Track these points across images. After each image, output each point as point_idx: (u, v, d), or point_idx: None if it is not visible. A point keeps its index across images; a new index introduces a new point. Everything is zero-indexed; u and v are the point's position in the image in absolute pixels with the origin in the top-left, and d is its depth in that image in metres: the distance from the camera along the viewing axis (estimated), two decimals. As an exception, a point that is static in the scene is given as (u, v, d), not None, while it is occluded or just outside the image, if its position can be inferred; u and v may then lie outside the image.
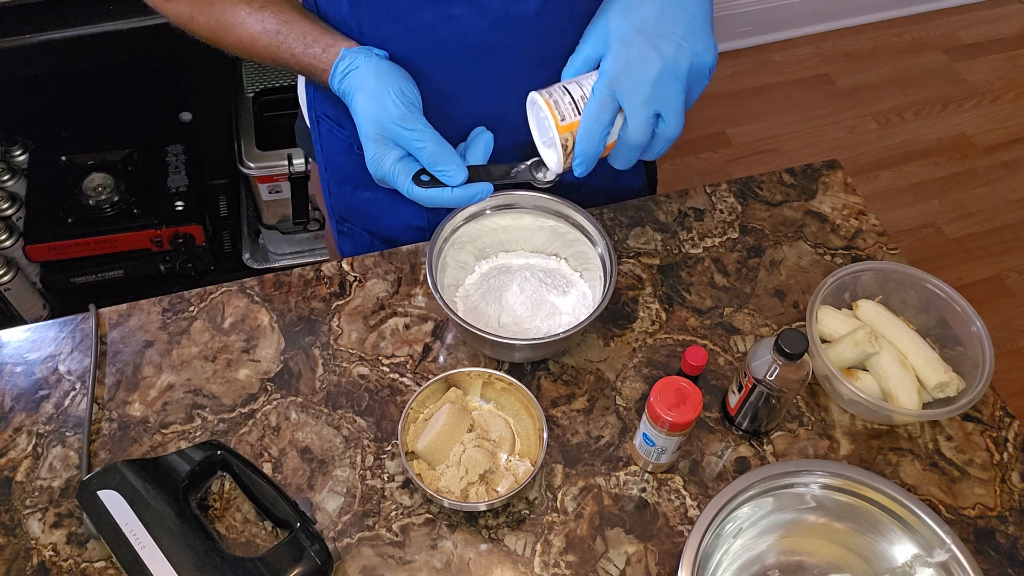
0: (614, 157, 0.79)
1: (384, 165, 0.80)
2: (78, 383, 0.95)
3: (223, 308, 1.02)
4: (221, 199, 1.89)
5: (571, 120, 0.77)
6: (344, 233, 1.15)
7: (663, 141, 0.77)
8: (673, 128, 0.76)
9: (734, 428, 0.94)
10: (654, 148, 0.78)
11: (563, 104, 0.77)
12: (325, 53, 0.83)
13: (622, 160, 0.79)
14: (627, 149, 0.77)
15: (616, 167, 0.80)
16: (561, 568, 0.85)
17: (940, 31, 2.69)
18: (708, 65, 0.76)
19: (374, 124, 0.79)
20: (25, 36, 1.40)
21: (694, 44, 0.75)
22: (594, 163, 0.78)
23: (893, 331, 0.96)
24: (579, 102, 0.77)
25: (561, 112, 0.77)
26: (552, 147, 0.79)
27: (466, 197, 0.79)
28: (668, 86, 0.74)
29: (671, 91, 0.74)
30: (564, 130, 0.77)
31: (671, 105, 0.75)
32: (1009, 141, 2.43)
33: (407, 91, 0.79)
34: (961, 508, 0.90)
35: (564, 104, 0.77)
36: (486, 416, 0.91)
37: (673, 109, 0.75)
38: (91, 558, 0.84)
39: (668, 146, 0.78)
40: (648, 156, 0.79)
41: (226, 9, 0.87)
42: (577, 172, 0.79)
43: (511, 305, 0.97)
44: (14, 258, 1.65)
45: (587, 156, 0.77)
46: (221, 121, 1.81)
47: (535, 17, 0.84)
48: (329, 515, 0.87)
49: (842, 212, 1.13)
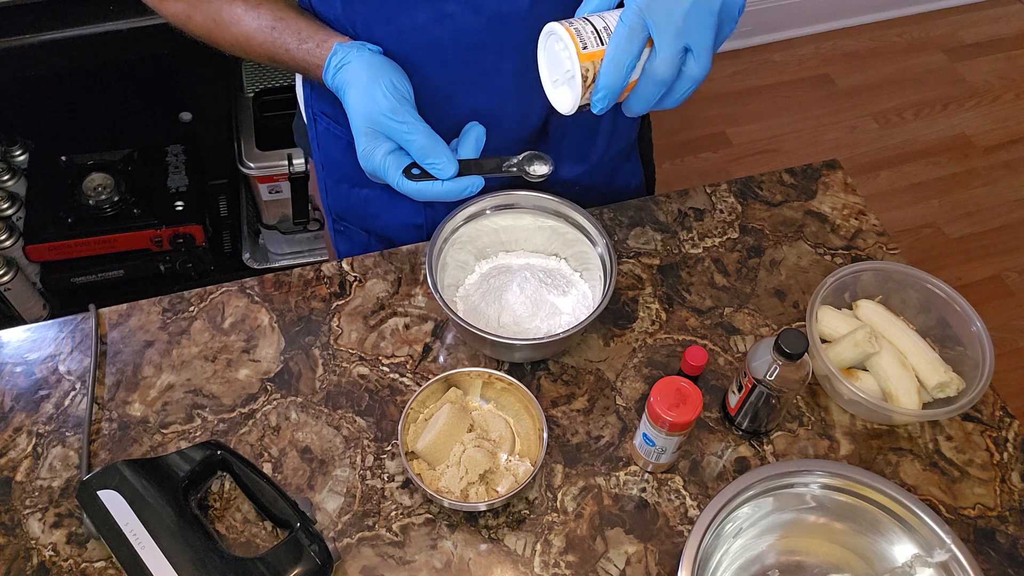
0: (634, 97, 0.74)
1: (375, 158, 0.80)
2: (78, 383, 0.95)
3: (223, 308, 1.02)
4: (221, 199, 1.89)
5: (594, 49, 0.71)
6: (340, 232, 1.15)
7: (689, 80, 0.72)
8: (701, 67, 0.71)
9: (734, 428, 0.94)
10: (678, 89, 0.73)
11: (585, 33, 0.71)
12: (319, 48, 0.84)
13: (641, 100, 0.74)
14: (651, 85, 0.72)
15: (631, 111, 0.75)
16: (561, 568, 0.85)
17: (940, 31, 2.69)
18: (739, 4, 0.72)
19: (365, 117, 0.79)
20: (25, 36, 1.40)
21: None
22: (616, 97, 0.73)
23: (893, 331, 0.96)
24: (602, 32, 0.72)
25: (583, 40, 0.71)
26: (568, 82, 0.74)
27: (456, 190, 0.79)
28: (701, 19, 0.70)
29: (703, 25, 0.70)
30: (586, 59, 0.71)
31: (702, 40, 0.70)
32: (1009, 141, 2.43)
33: (398, 84, 0.79)
34: (961, 508, 0.90)
35: (586, 33, 0.71)
36: (486, 416, 0.91)
37: (703, 45, 0.71)
38: (91, 558, 0.84)
39: (693, 88, 0.73)
40: (669, 101, 0.74)
41: (222, 8, 0.87)
42: (596, 108, 0.73)
43: (511, 305, 0.97)
44: (14, 258, 1.65)
45: (611, 88, 0.71)
46: (221, 121, 1.81)
47: (528, 15, 0.84)
48: (329, 515, 0.87)
49: (842, 212, 1.13)
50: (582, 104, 0.73)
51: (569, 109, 0.74)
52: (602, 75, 0.71)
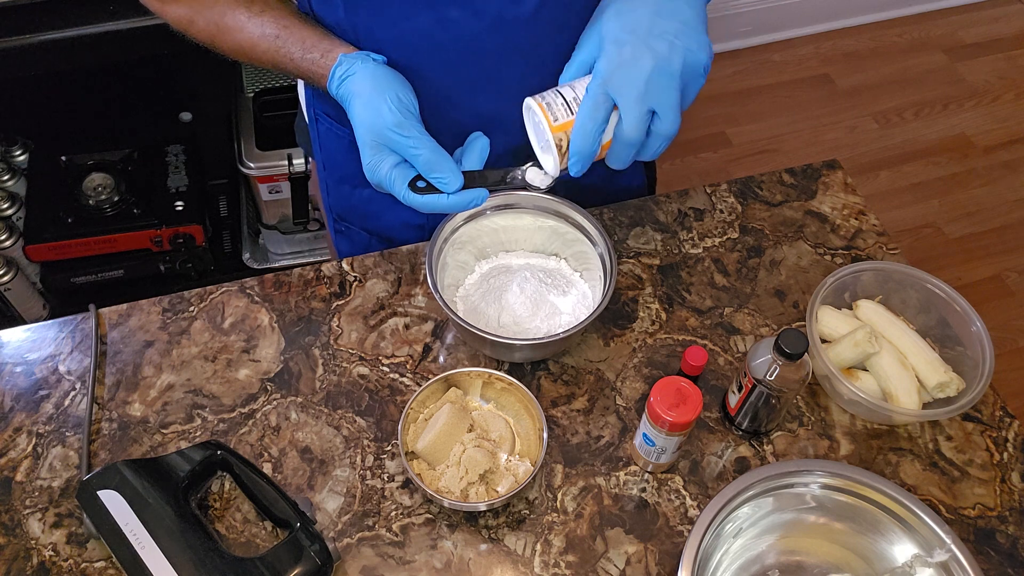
0: (611, 156, 0.79)
1: (380, 171, 0.80)
2: (78, 383, 0.95)
3: (223, 308, 1.02)
4: (221, 199, 1.89)
5: (564, 120, 0.77)
6: (341, 232, 1.15)
7: (659, 139, 0.77)
8: (669, 125, 0.76)
9: (734, 428, 0.94)
10: (651, 146, 0.78)
11: (556, 105, 0.77)
12: (323, 58, 0.84)
13: (618, 159, 0.79)
14: (623, 147, 0.77)
15: (613, 168, 0.80)
16: (561, 568, 0.85)
17: (940, 31, 2.69)
18: (703, 63, 0.76)
19: (370, 130, 0.79)
20: (25, 36, 1.40)
21: (687, 42, 0.75)
22: (589, 162, 0.78)
23: (893, 331, 0.96)
24: (572, 103, 0.77)
25: (554, 113, 0.77)
26: (548, 150, 0.79)
27: (462, 203, 0.79)
28: (662, 83, 0.74)
29: (665, 88, 0.74)
30: (558, 130, 0.77)
31: (666, 102, 0.75)
32: (1009, 141, 2.43)
33: (404, 98, 0.79)
34: (961, 508, 0.90)
35: (557, 105, 0.77)
36: (486, 416, 0.91)
37: (668, 105, 0.75)
38: (91, 558, 0.84)
39: (665, 144, 0.78)
40: (645, 155, 0.79)
41: (225, 13, 0.87)
42: (573, 172, 0.79)
43: (511, 305, 0.97)
44: (14, 258, 1.65)
45: (582, 154, 0.77)
46: (221, 121, 1.81)
47: (530, 19, 0.84)
48: (329, 515, 0.87)
49: (842, 212, 1.13)
50: (563, 169, 0.80)
51: (553, 172, 0.81)
52: (572, 143, 0.77)
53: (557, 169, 0.80)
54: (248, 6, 0.86)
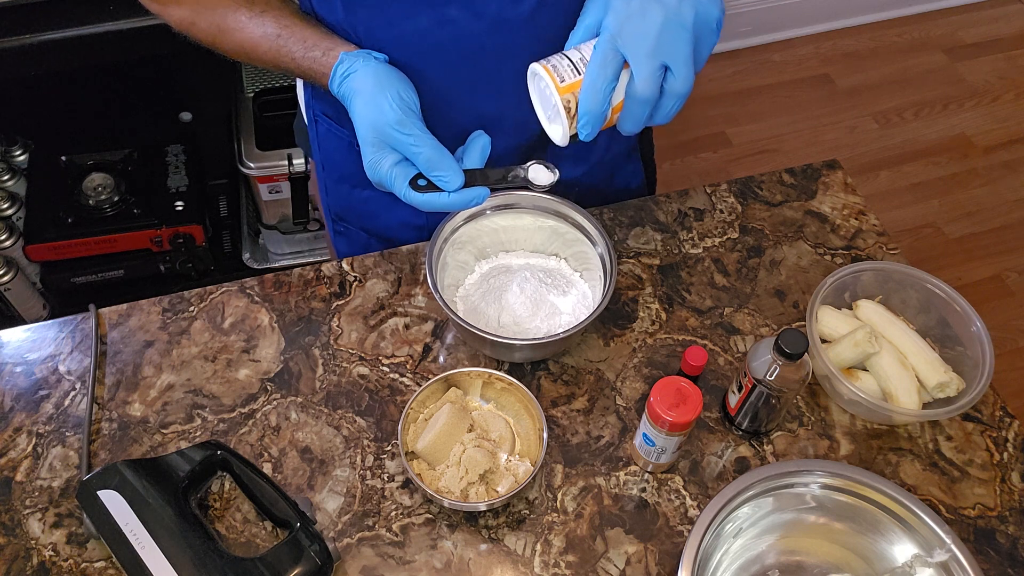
0: (623, 118, 0.76)
1: (381, 169, 0.80)
2: (78, 383, 0.95)
3: (223, 308, 1.02)
4: (221, 199, 1.89)
5: (572, 81, 0.74)
6: (340, 233, 1.15)
7: (673, 97, 0.73)
8: (682, 81, 0.72)
9: (734, 428, 0.94)
10: (664, 106, 0.74)
11: (562, 67, 0.74)
12: (325, 57, 0.84)
13: (631, 120, 0.75)
14: (635, 105, 0.73)
15: (625, 130, 0.76)
16: (561, 568, 0.85)
17: (940, 31, 2.69)
18: (715, 17, 0.72)
19: (371, 128, 0.79)
20: (25, 36, 1.40)
21: None
22: (599, 123, 0.75)
23: (893, 331, 0.96)
24: (579, 64, 0.74)
25: (560, 74, 0.74)
26: (556, 117, 0.76)
27: (462, 202, 0.79)
28: (674, 35, 0.71)
29: (677, 41, 0.71)
30: (565, 91, 0.74)
31: (678, 55, 0.71)
32: (1009, 141, 2.43)
33: (405, 96, 0.79)
34: (961, 508, 0.90)
35: (563, 67, 0.74)
36: (486, 416, 0.91)
37: (681, 60, 0.71)
38: (91, 558, 0.84)
39: (679, 104, 0.74)
40: (658, 117, 0.75)
41: (227, 14, 0.87)
42: (583, 135, 0.76)
43: (511, 305, 0.97)
44: (14, 258, 1.65)
45: (592, 114, 0.73)
46: (221, 121, 1.81)
47: (530, 19, 0.84)
48: (329, 515, 0.87)
49: (842, 212, 1.13)
50: (572, 134, 0.77)
51: (562, 140, 0.78)
52: (581, 103, 0.74)
53: (566, 137, 0.77)
54: (249, 6, 0.86)
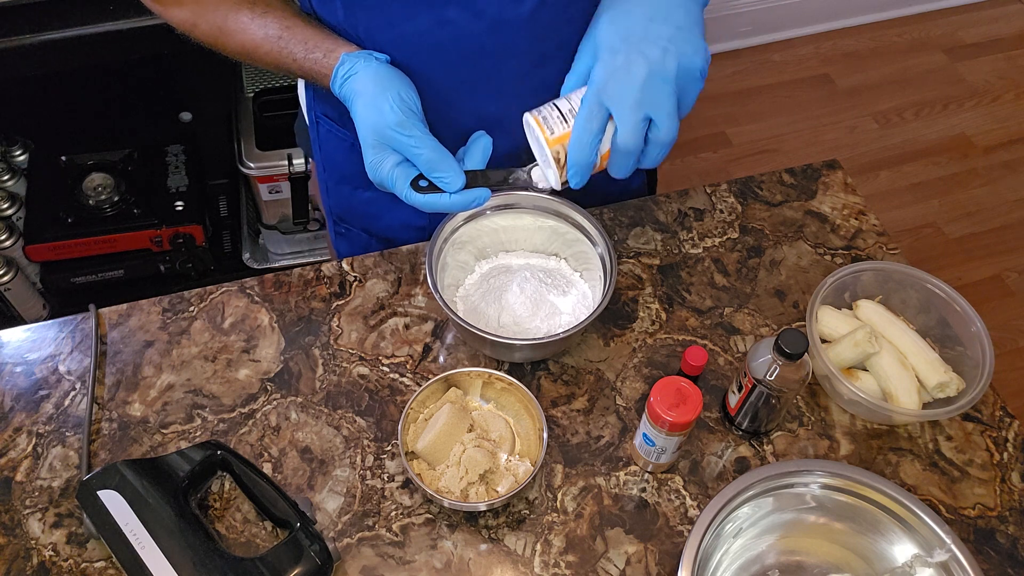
0: (611, 166, 0.79)
1: (382, 170, 0.80)
2: (78, 383, 0.95)
3: (223, 308, 1.02)
4: (221, 199, 1.89)
5: (561, 132, 0.77)
6: (341, 234, 1.15)
7: (658, 146, 0.76)
8: (666, 132, 0.75)
9: (734, 428, 0.94)
10: (650, 154, 0.77)
11: (552, 118, 0.77)
12: (326, 58, 0.83)
13: (618, 168, 0.78)
14: (621, 156, 0.77)
15: (615, 176, 0.79)
16: (561, 568, 0.85)
17: (940, 31, 2.69)
18: (698, 68, 0.75)
19: (372, 129, 0.79)
20: (25, 36, 1.40)
21: (681, 47, 0.74)
22: (587, 173, 0.78)
23: (893, 331, 0.96)
24: (568, 115, 0.77)
25: (550, 126, 0.77)
26: (548, 164, 0.79)
27: (463, 203, 0.79)
28: (656, 89, 0.74)
29: (660, 94, 0.74)
30: (554, 143, 0.77)
31: (662, 108, 0.74)
32: (1009, 141, 2.43)
33: (406, 97, 0.79)
34: (961, 508, 0.90)
35: (553, 118, 0.77)
36: (486, 416, 0.91)
37: (664, 112, 0.74)
38: (91, 558, 0.84)
39: (665, 151, 0.77)
40: (646, 163, 0.78)
41: (228, 15, 0.87)
42: (573, 183, 0.79)
43: (511, 305, 0.97)
44: (14, 258, 1.65)
45: (580, 165, 0.77)
46: (221, 121, 1.81)
47: (530, 20, 0.84)
48: (329, 515, 0.87)
49: (842, 212, 1.13)
50: (563, 181, 0.80)
51: (556, 186, 0.81)
52: (570, 155, 0.77)
53: (559, 183, 0.80)
54: (251, 7, 0.86)
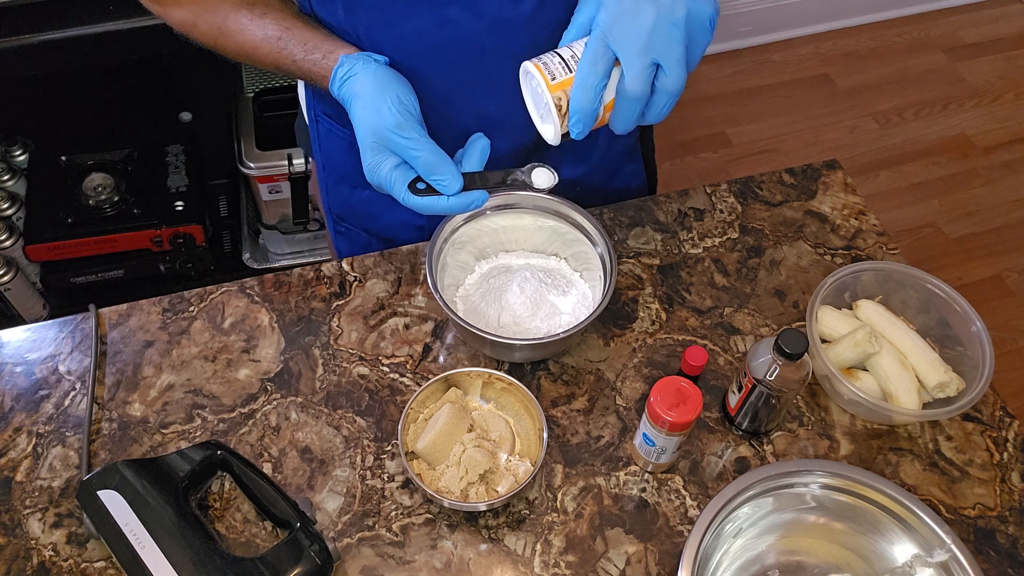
0: (614, 117, 0.76)
1: (380, 172, 0.80)
2: (78, 383, 0.95)
3: (223, 308, 1.02)
4: (221, 199, 1.89)
5: (563, 78, 0.74)
6: (341, 233, 1.15)
7: (665, 95, 0.73)
8: (674, 80, 0.72)
9: (734, 428, 0.94)
10: (656, 104, 0.74)
11: (553, 64, 0.74)
12: (325, 59, 0.83)
13: (622, 119, 0.75)
14: (626, 104, 0.73)
15: (617, 130, 0.76)
16: (561, 568, 0.85)
17: (940, 31, 2.69)
18: (708, 15, 0.72)
19: (371, 132, 0.79)
20: (25, 36, 1.40)
21: None
22: (591, 121, 0.75)
23: (893, 331, 0.96)
24: (570, 61, 0.74)
25: (551, 72, 0.74)
26: (548, 116, 0.76)
27: (462, 205, 0.79)
28: (665, 33, 0.70)
29: (669, 39, 0.71)
30: (556, 88, 0.74)
31: (670, 54, 0.71)
32: (1009, 141, 2.43)
33: (404, 99, 0.79)
34: (961, 508, 0.90)
35: (554, 64, 0.74)
36: (486, 416, 0.91)
37: (673, 58, 0.71)
38: (91, 558, 0.84)
39: (672, 102, 0.74)
40: (651, 115, 0.75)
41: (228, 16, 0.87)
42: (575, 133, 0.76)
43: (511, 305, 0.97)
44: (14, 258, 1.65)
45: (583, 112, 0.73)
46: (221, 121, 1.81)
47: (530, 19, 0.84)
48: (329, 515, 0.87)
49: (842, 212, 1.13)
50: (564, 132, 0.76)
51: (554, 139, 0.77)
52: (572, 100, 0.74)
53: (558, 136, 0.76)
54: (250, 8, 0.86)
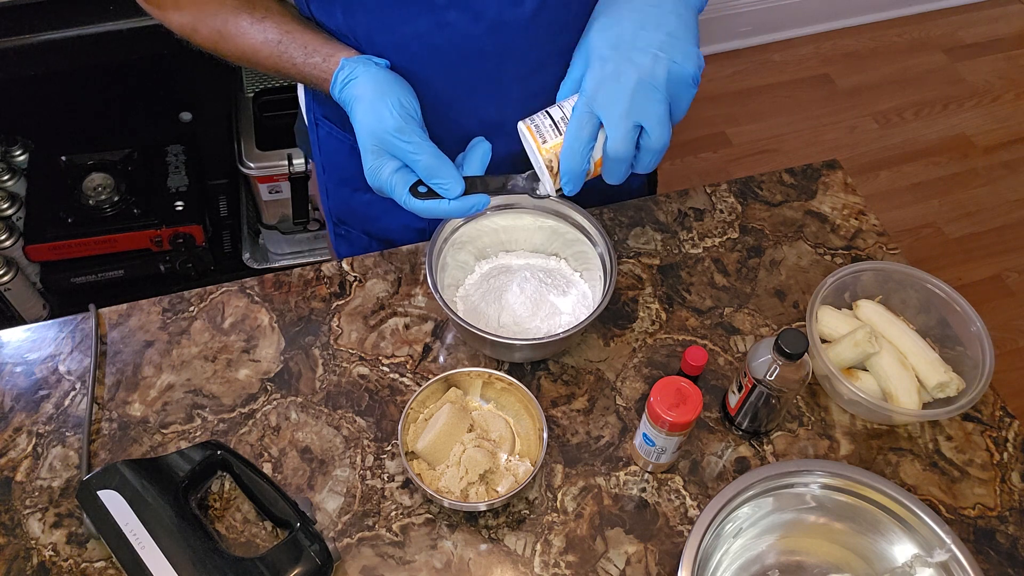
0: (604, 173, 0.79)
1: (381, 176, 0.80)
2: (78, 383, 0.95)
3: (223, 308, 1.02)
4: (221, 199, 1.89)
5: (553, 141, 0.78)
6: (341, 236, 1.15)
7: (650, 153, 0.77)
8: (657, 139, 0.75)
9: (734, 428, 0.94)
10: (642, 161, 0.77)
11: (544, 127, 0.78)
12: (325, 63, 0.83)
13: (612, 175, 0.79)
14: (613, 164, 0.77)
15: (609, 182, 0.80)
16: (561, 568, 0.85)
17: (940, 31, 2.69)
18: (690, 74, 0.75)
19: (372, 135, 0.79)
20: (25, 36, 1.40)
21: (672, 54, 0.74)
22: (580, 181, 0.78)
23: (893, 331, 0.96)
24: (560, 123, 0.78)
25: (542, 135, 0.78)
26: (542, 172, 0.80)
27: (462, 209, 0.79)
28: (646, 97, 0.74)
29: (650, 101, 0.74)
30: (547, 151, 0.78)
31: (652, 116, 0.74)
32: (1009, 141, 2.43)
33: (405, 102, 0.79)
34: (961, 508, 0.90)
35: (544, 127, 0.78)
36: (486, 416, 0.91)
37: (654, 120, 0.74)
38: (91, 558, 0.84)
39: (658, 158, 0.77)
40: (639, 169, 0.79)
41: (228, 20, 0.86)
42: (567, 191, 0.79)
43: (511, 305, 0.97)
44: (14, 258, 1.65)
45: (572, 173, 0.77)
46: (221, 121, 1.81)
47: (529, 22, 0.84)
48: (329, 515, 0.87)
49: (842, 212, 1.13)
50: (558, 188, 0.80)
51: (551, 193, 0.81)
52: (562, 163, 0.78)
53: (554, 190, 0.80)
54: (250, 12, 0.86)
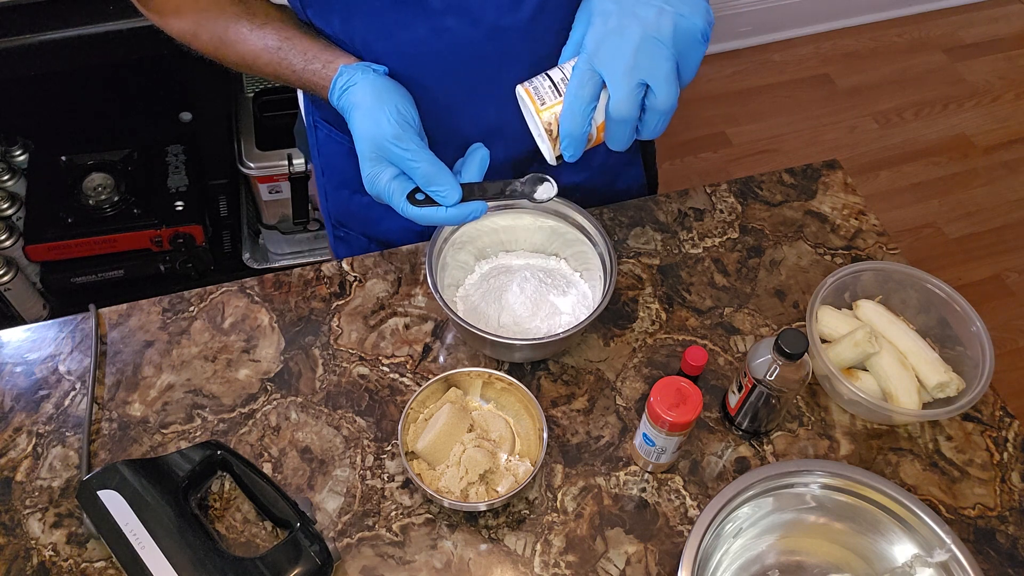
0: (607, 137, 0.75)
1: (379, 183, 0.80)
2: (78, 383, 0.95)
3: (223, 308, 1.02)
4: (221, 199, 1.89)
5: (552, 103, 0.74)
6: (340, 238, 1.15)
7: (656, 114, 0.71)
8: (664, 98, 0.70)
9: (734, 428, 0.94)
10: (648, 123, 0.72)
11: (543, 88, 0.74)
12: (324, 69, 0.83)
13: (615, 139, 0.74)
14: (616, 126, 0.72)
15: (613, 148, 0.76)
16: (561, 568, 0.85)
17: (940, 31, 2.69)
18: (699, 28, 0.70)
19: (370, 142, 0.79)
20: (25, 36, 1.40)
21: (678, 7, 0.69)
22: (581, 145, 0.74)
23: (893, 331, 0.96)
24: (560, 84, 0.74)
25: (541, 96, 0.74)
26: (542, 137, 0.76)
27: (460, 216, 0.78)
28: (652, 52, 0.69)
29: (656, 57, 0.69)
30: (546, 114, 0.74)
31: (658, 73, 0.69)
32: (1009, 141, 2.43)
33: (403, 110, 0.79)
34: (961, 508, 0.90)
35: (544, 88, 0.74)
36: (486, 416, 0.91)
37: (661, 77, 0.69)
38: (91, 558, 0.84)
39: (665, 120, 0.72)
40: (645, 133, 0.74)
41: (228, 26, 0.87)
42: (567, 156, 0.76)
43: (511, 305, 0.97)
44: (14, 258, 1.65)
45: (573, 136, 0.73)
46: (221, 121, 1.81)
47: (528, 26, 0.84)
48: (329, 515, 0.87)
49: (842, 212, 1.13)
50: (557, 155, 0.76)
51: (551, 160, 0.77)
52: (562, 126, 0.74)
53: (553, 157, 0.77)
54: (250, 18, 0.86)
